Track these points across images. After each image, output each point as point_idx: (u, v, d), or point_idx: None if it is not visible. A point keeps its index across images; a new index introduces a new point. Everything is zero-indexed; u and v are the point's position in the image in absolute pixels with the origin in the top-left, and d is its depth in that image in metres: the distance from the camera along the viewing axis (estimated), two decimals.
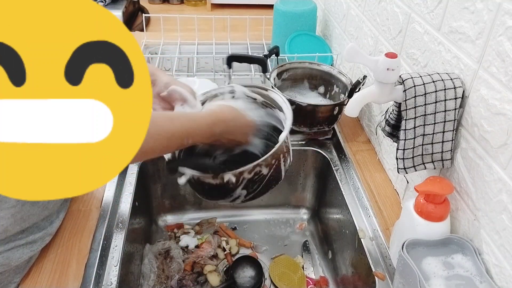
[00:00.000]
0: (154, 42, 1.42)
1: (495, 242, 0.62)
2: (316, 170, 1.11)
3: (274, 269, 1.03)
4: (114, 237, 0.82)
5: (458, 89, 0.65)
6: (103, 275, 0.74)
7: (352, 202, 0.92)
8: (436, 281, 0.62)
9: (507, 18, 0.56)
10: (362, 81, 0.96)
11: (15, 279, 0.70)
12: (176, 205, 1.16)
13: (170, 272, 0.98)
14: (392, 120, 0.75)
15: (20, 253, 0.68)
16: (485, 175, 0.63)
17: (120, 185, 0.93)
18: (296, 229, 1.16)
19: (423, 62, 0.78)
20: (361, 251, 0.83)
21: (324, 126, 1.04)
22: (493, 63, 0.59)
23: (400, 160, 0.70)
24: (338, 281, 1.00)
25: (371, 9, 1.01)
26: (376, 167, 0.99)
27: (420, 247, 0.66)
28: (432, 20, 0.74)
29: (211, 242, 1.06)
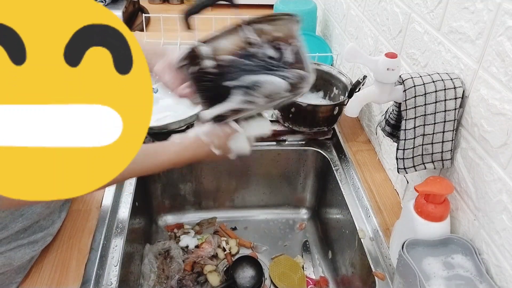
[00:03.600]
0: (154, 42, 1.42)
1: (495, 242, 0.62)
2: (316, 170, 1.11)
3: (274, 269, 1.03)
4: (114, 237, 0.82)
5: (458, 89, 0.65)
6: (103, 275, 0.74)
7: (352, 202, 0.92)
8: (436, 281, 0.61)
9: (507, 18, 0.56)
10: (362, 81, 0.96)
11: (17, 279, 0.70)
12: (176, 205, 1.16)
13: (170, 272, 0.98)
14: (392, 120, 0.75)
15: (22, 253, 0.68)
16: (485, 175, 0.63)
17: (120, 185, 0.93)
18: (296, 229, 1.16)
19: (423, 62, 0.78)
20: (361, 251, 0.83)
21: (324, 126, 1.04)
22: (493, 63, 0.59)
23: (400, 160, 0.70)
24: (338, 281, 1.00)
25: (371, 9, 1.01)
26: (376, 167, 0.99)
27: (420, 247, 0.66)
28: (432, 20, 0.74)
29: (211, 242, 1.06)
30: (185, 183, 1.12)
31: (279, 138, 1.07)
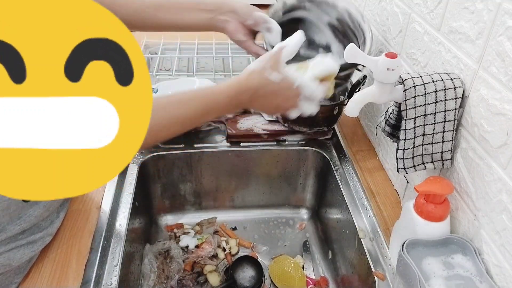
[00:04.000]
0: (154, 42, 1.42)
1: (495, 242, 0.62)
2: (316, 170, 1.11)
3: (274, 269, 1.03)
4: (114, 237, 0.82)
5: (458, 89, 0.65)
6: (103, 275, 0.74)
7: (352, 202, 0.92)
8: (436, 281, 0.61)
9: (507, 18, 0.56)
10: (362, 81, 0.96)
11: (16, 279, 0.70)
12: (176, 205, 1.16)
13: (170, 272, 0.98)
14: (392, 120, 0.75)
15: (21, 253, 0.68)
16: (485, 175, 0.63)
17: (120, 185, 0.93)
18: (296, 229, 1.16)
19: (423, 62, 0.78)
20: (361, 251, 0.83)
21: (324, 126, 1.04)
22: (493, 63, 0.59)
23: (400, 160, 0.70)
24: (338, 281, 1.00)
25: (371, 9, 1.01)
26: (376, 167, 0.99)
27: (420, 247, 0.66)
28: (432, 20, 0.74)
29: (211, 242, 1.06)
30: (185, 183, 1.12)
31: (279, 138, 1.07)
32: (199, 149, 1.05)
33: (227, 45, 1.39)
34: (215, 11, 0.81)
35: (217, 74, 1.34)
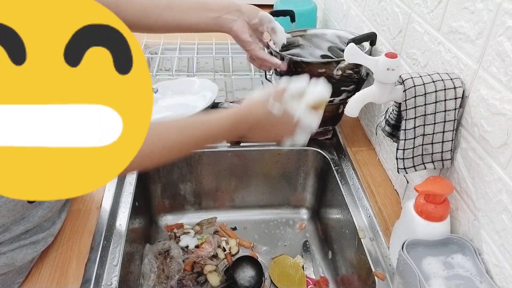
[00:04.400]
0: (154, 42, 1.42)
1: (495, 242, 0.62)
2: (316, 170, 1.11)
3: (274, 269, 1.03)
4: (114, 237, 0.82)
5: (458, 89, 0.65)
6: (103, 275, 0.74)
7: (352, 202, 0.92)
8: (436, 281, 0.61)
9: (507, 18, 0.56)
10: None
11: (18, 279, 0.70)
12: (176, 205, 1.16)
13: (170, 272, 0.98)
14: (392, 120, 0.75)
15: (24, 253, 0.68)
16: (485, 175, 0.63)
17: (120, 185, 0.93)
18: (296, 229, 1.16)
19: (423, 62, 0.78)
20: (361, 251, 0.83)
21: (329, 125, 1.04)
22: (493, 63, 0.59)
23: (400, 160, 0.70)
24: (338, 281, 1.00)
25: (371, 9, 1.01)
26: (376, 167, 0.99)
27: (420, 247, 0.66)
28: (432, 20, 0.74)
29: (211, 242, 1.06)
30: (185, 183, 1.12)
31: None
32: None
33: (227, 45, 1.39)
34: (221, 11, 0.81)
35: (217, 74, 1.34)
